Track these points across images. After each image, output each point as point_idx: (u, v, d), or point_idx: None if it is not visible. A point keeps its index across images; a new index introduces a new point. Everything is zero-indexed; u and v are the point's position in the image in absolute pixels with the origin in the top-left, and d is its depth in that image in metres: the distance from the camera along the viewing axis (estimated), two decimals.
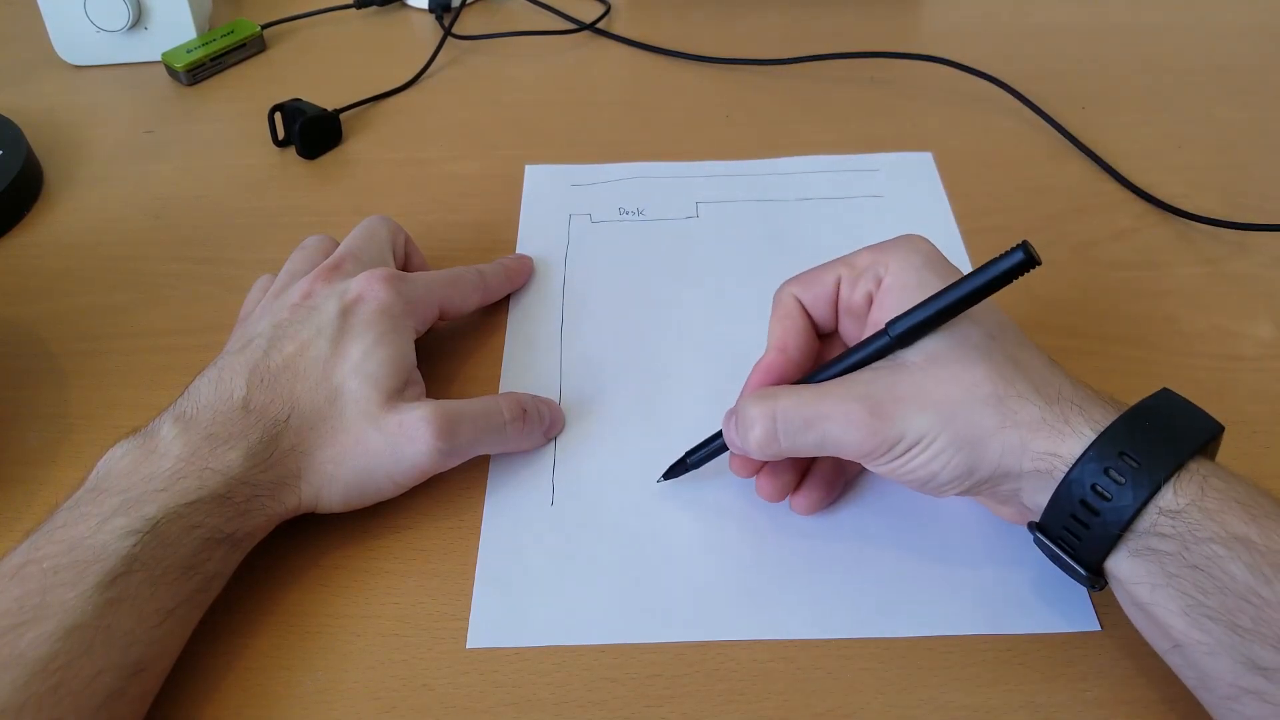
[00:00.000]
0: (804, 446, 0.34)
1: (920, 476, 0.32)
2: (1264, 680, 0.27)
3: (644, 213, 0.52)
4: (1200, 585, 0.28)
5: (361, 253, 0.42)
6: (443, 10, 0.70)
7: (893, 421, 0.32)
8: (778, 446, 0.34)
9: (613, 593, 0.36)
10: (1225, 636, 0.27)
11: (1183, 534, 0.28)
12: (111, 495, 0.32)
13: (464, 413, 0.37)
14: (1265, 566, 0.27)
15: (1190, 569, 0.28)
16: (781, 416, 0.34)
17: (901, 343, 0.33)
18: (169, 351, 0.45)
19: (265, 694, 0.33)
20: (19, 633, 0.28)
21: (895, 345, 0.33)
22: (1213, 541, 0.28)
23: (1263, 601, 0.27)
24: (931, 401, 0.32)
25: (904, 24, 0.68)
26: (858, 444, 0.32)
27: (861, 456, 0.33)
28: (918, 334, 0.33)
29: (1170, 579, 0.29)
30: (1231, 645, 0.27)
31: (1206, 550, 0.28)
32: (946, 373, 0.32)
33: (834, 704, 0.33)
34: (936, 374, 0.32)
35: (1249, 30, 0.66)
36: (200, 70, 0.64)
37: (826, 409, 0.33)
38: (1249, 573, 0.27)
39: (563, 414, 0.42)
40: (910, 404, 0.32)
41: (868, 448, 0.32)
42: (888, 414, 0.32)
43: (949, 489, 0.33)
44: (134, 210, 0.54)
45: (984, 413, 0.31)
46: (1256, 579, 0.27)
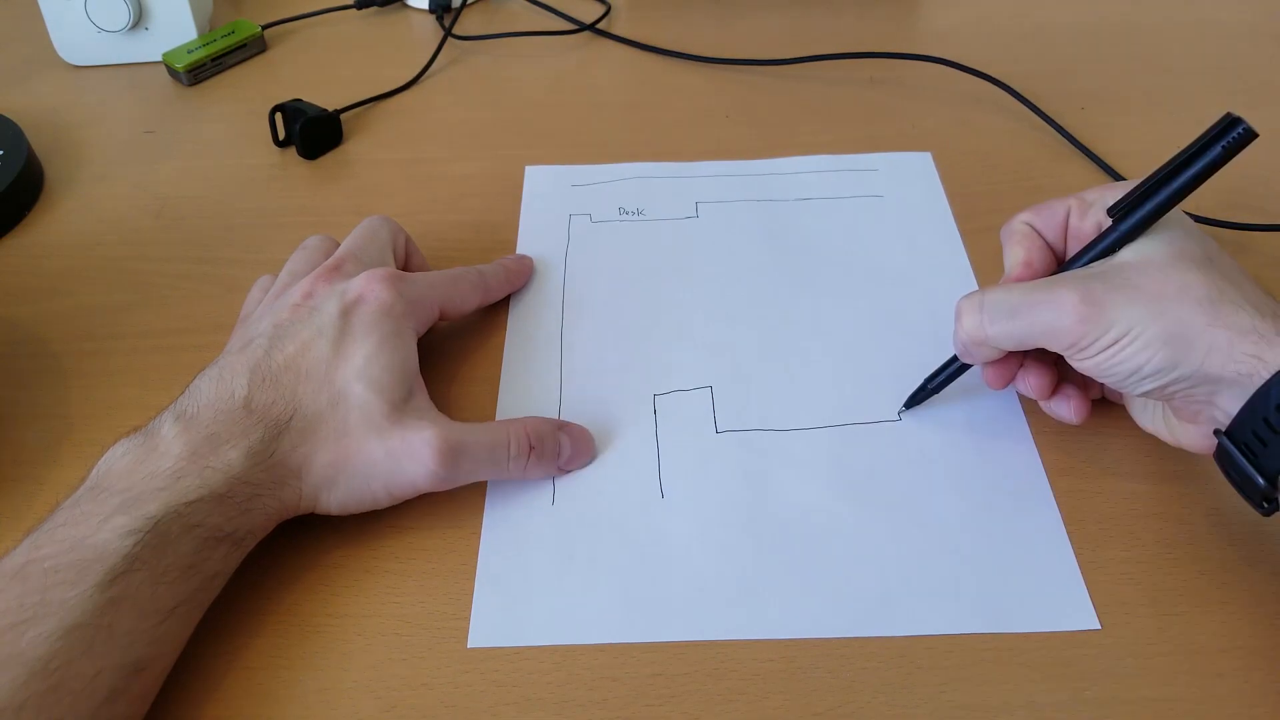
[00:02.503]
0: (1013, 334, 0.35)
1: (1125, 370, 0.33)
2: None
3: (644, 213, 0.52)
4: None
5: (362, 253, 0.42)
6: (443, 10, 0.70)
7: (1104, 310, 0.33)
8: (984, 334, 0.35)
9: (613, 593, 0.36)
10: None
11: None
12: (112, 494, 0.32)
13: (469, 443, 0.36)
14: None
15: None
16: (989, 304, 0.35)
17: (1122, 229, 0.34)
18: (169, 351, 0.45)
19: (265, 694, 0.33)
20: (19, 631, 0.28)
21: (1116, 231, 0.35)
22: None
23: None
24: (1144, 295, 0.33)
25: (903, 24, 0.68)
26: (1067, 330, 0.33)
27: (1069, 346, 0.34)
28: (1136, 215, 0.34)
29: None
30: None
31: None
32: (1162, 274, 0.33)
33: (834, 704, 0.33)
34: (1152, 274, 0.33)
35: (1249, 30, 0.66)
36: (201, 70, 0.64)
37: (1038, 296, 0.34)
38: None
39: (592, 445, 0.40)
40: (1123, 295, 0.33)
41: (1075, 335, 0.33)
42: (1100, 302, 0.33)
43: (1149, 383, 0.33)
44: (134, 210, 0.54)
45: (1195, 310, 0.32)
46: None
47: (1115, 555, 0.36)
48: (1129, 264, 0.34)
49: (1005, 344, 0.36)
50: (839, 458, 0.40)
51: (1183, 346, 0.32)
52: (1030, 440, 0.40)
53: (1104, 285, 0.34)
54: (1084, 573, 0.36)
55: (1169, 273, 0.33)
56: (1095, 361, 0.34)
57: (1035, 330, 0.34)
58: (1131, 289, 0.33)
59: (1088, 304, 0.33)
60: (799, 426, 0.41)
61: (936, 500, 0.38)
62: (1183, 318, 0.32)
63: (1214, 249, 0.35)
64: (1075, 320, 0.33)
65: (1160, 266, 0.33)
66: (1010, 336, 0.35)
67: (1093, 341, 0.33)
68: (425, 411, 0.37)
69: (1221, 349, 0.32)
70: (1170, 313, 0.32)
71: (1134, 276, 0.33)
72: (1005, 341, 0.36)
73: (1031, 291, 0.35)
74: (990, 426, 0.41)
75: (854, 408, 0.42)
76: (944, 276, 0.48)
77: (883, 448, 0.40)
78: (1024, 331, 0.35)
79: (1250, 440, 0.32)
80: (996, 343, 0.36)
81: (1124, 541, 0.37)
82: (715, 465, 0.40)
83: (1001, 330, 0.35)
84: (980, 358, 0.38)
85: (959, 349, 0.38)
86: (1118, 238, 0.35)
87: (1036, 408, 0.41)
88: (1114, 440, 0.40)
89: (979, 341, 0.36)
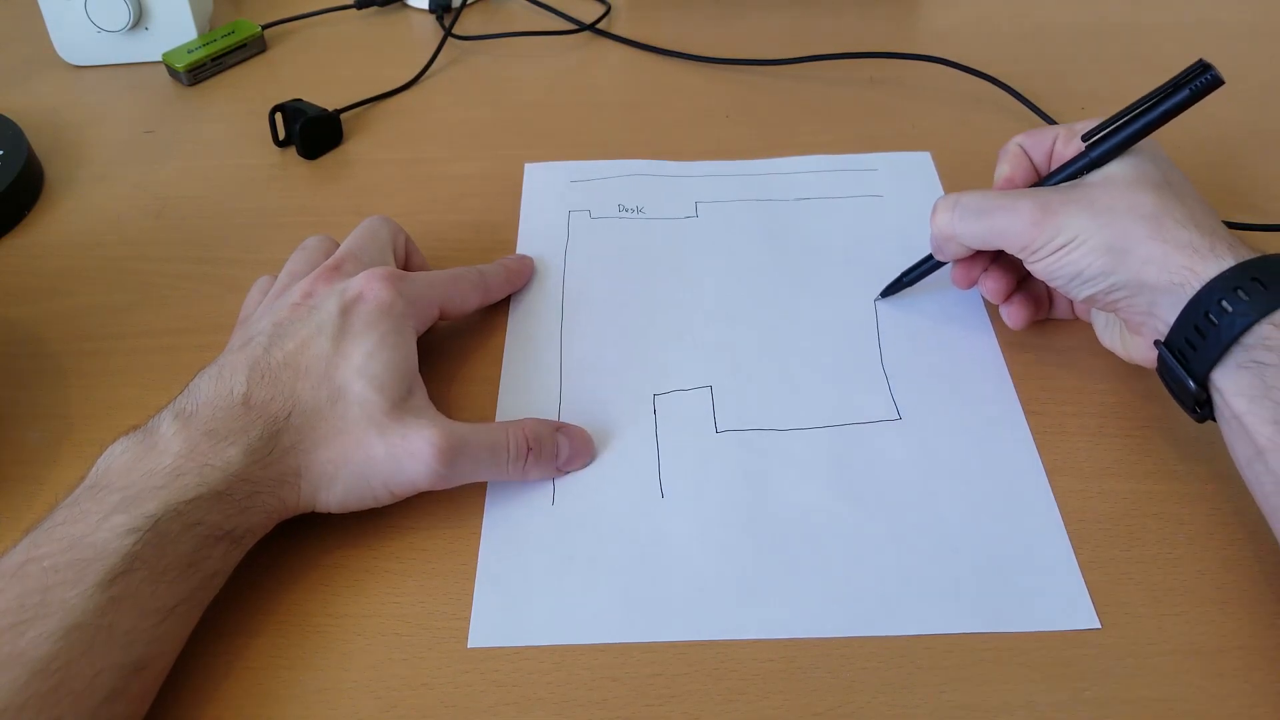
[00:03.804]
0: (977, 233, 0.39)
1: (1069, 273, 0.37)
2: None
3: (643, 210, 0.52)
4: None
5: (362, 253, 0.42)
6: (443, 10, 0.70)
7: (1055, 217, 0.37)
8: (953, 230, 0.40)
9: (613, 593, 0.36)
10: None
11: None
12: (111, 492, 0.32)
13: (469, 442, 0.36)
14: None
15: None
16: (961, 204, 0.40)
17: (1092, 155, 0.38)
18: (169, 351, 0.45)
19: (266, 693, 0.33)
20: (19, 631, 0.28)
21: (1086, 157, 0.38)
22: None
23: None
24: (1094, 208, 0.37)
25: (903, 24, 0.68)
26: (1021, 233, 0.38)
27: (1023, 248, 0.38)
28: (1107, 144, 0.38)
29: (1269, 391, 0.32)
30: None
31: None
32: (1116, 191, 0.37)
33: (834, 704, 0.33)
34: (1108, 190, 0.37)
35: (1249, 30, 0.66)
36: (201, 70, 0.64)
37: (1003, 203, 0.39)
38: None
39: (591, 446, 0.40)
40: (1075, 207, 0.37)
41: (1028, 238, 0.37)
42: (1054, 211, 0.37)
43: (1090, 287, 0.37)
44: (134, 210, 0.54)
45: (1138, 224, 0.36)
46: None
47: (1115, 555, 0.36)
48: (1091, 183, 0.38)
49: (970, 241, 0.40)
50: (839, 458, 0.40)
51: (1121, 255, 0.36)
52: (1030, 440, 0.40)
53: (1061, 198, 0.37)
54: (1084, 572, 0.36)
55: (1123, 190, 0.37)
56: (1045, 264, 0.37)
57: (995, 231, 0.39)
58: (1085, 202, 0.37)
59: (1042, 211, 0.37)
60: (799, 426, 0.41)
61: (936, 500, 0.38)
62: (1126, 229, 0.36)
63: (1176, 176, 0.38)
64: (1029, 224, 0.37)
65: (1117, 185, 0.37)
66: (974, 235, 0.40)
67: (1043, 245, 0.37)
68: (425, 410, 0.37)
69: (1157, 260, 0.35)
70: (1115, 224, 0.36)
71: (1091, 192, 0.37)
72: (970, 239, 0.40)
73: (999, 198, 0.39)
74: (990, 426, 0.41)
75: (854, 408, 0.42)
76: (944, 276, 0.48)
77: (883, 448, 0.40)
78: (986, 231, 0.39)
79: (1183, 346, 0.35)
80: (963, 239, 0.40)
81: (1124, 541, 0.37)
82: (715, 465, 0.40)
83: (968, 229, 0.39)
84: (949, 254, 0.42)
85: (932, 244, 0.42)
86: (1087, 163, 0.39)
87: (1037, 408, 0.41)
88: (1114, 440, 0.40)
89: (948, 237, 0.41)
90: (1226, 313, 0.33)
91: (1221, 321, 0.33)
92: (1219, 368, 0.33)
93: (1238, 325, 0.33)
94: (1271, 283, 0.33)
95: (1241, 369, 0.33)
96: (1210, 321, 0.33)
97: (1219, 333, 0.33)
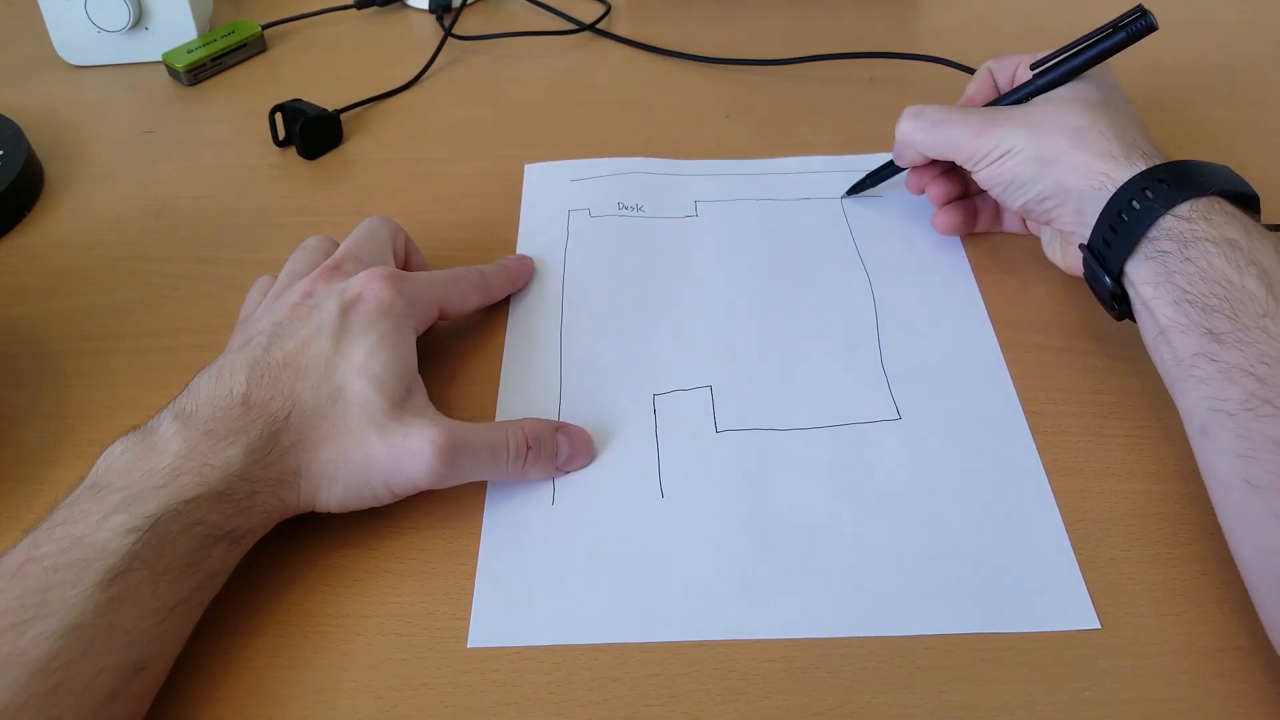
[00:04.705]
0: (931, 142, 0.45)
1: (1003, 181, 0.42)
2: (1215, 344, 0.34)
3: (643, 209, 0.52)
4: (1189, 277, 0.35)
5: (362, 253, 0.42)
6: (443, 10, 0.70)
7: (996, 130, 0.42)
8: (912, 138, 0.45)
9: (613, 593, 0.36)
10: (1197, 315, 0.35)
11: (1185, 236, 0.36)
12: (111, 492, 0.32)
13: (469, 441, 0.37)
14: (1242, 261, 0.34)
15: (1184, 263, 0.35)
16: (923, 115, 0.45)
17: (1037, 83, 0.43)
18: (169, 351, 0.45)
19: (266, 693, 0.33)
20: (19, 631, 0.28)
21: (1032, 84, 0.44)
22: (1207, 241, 0.35)
23: (1230, 285, 0.34)
24: (1029, 124, 0.41)
25: (903, 24, 0.68)
26: (965, 145, 0.43)
27: (967, 159, 0.43)
28: (1050, 75, 0.43)
29: (1170, 276, 0.36)
30: (1199, 321, 0.34)
31: (1200, 249, 0.35)
32: (1051, 109, 0.42)
33: (834, 704, 0.33)
34: (1043, 109, 0.42)
35: (1249, 30, 0.66)
36: (201, 70, 0.64)
37: (956, 117, 0.44)
38: (1227, 265, 0.34)
39: (591, 445, 0.40)
40: (1013, 123, 0.42)
41: (971, 149, 0.43)
42: (996, 125, 0.42)
43: (1022, 195, 0.42)
44: (134, 210, 0.54)
45: (1064, 137, 0.40)
46: (1232, 269, 0.34)
47: (1115, 555, 0.36)
48: (1032, 103, 0.43)
49: (925, 149, 0.45)
50: (839, 458, 0.40)
51: (1048, 165, 0.40)
52: (1030, 440, 0.40)
53: (1004, 115, 0.43)
54: (1084, 572, 0.36)
55: (1057, 109, 0.41)
56: (985, 173, 0.43)
57: (946, 141, 0.44)
58: (1022, 118, 0.42)
59: (986, 124, 0.42)
60: (799, 426, 0.41)
61: (936, 500, 0.38)
62: (1053, 139, 0.40)
63: (1117, 97, 0.42)
64: (973, 135, 0.42)
65: (1053, 104, 0.42)
66: (929, 144, 0.45)
67: (984, 155, 0.42)
68: (425, 409, 0.37)
69: (1080, 168, 0.39)
70: (1043, 137, 0.41)
71: (1030, 111, 0.42)
72: (925, 147, 0.45)
73: (954, 113, 0.44)
74: (990, 426, 0.41)
75: (854, 408, 0.42)
76: (944, 276, 0.48)
77: (882, 448, 0.40)
78: (939, 141, 0.44)
79: (1101, 247, 0.39)
80: (920, 147, 0.45)
81: (1124, 541, 0.37)
82: (715, 465, 0.40)
83: (924, 138, 0.45)
84: (906, 160, 0.47)
85: (894, 150, 0.47)
86: (1033, 89, 0.44)
87: (1036, 408, 0.41)
88: (1114, 440, 0.40)
89: (908, 143, 0.46)
90: (1134, 210, 0.37)
91: (1131, 219, 0.37)
92: (1130, 260, 0.37)
93: (1144, 221, 0.37)
94: (1175, 182, 0.37)
95: (1148, 259, 0.37)
96: (1122, 220, 0.37)
97: (1129, 228, 0.37)
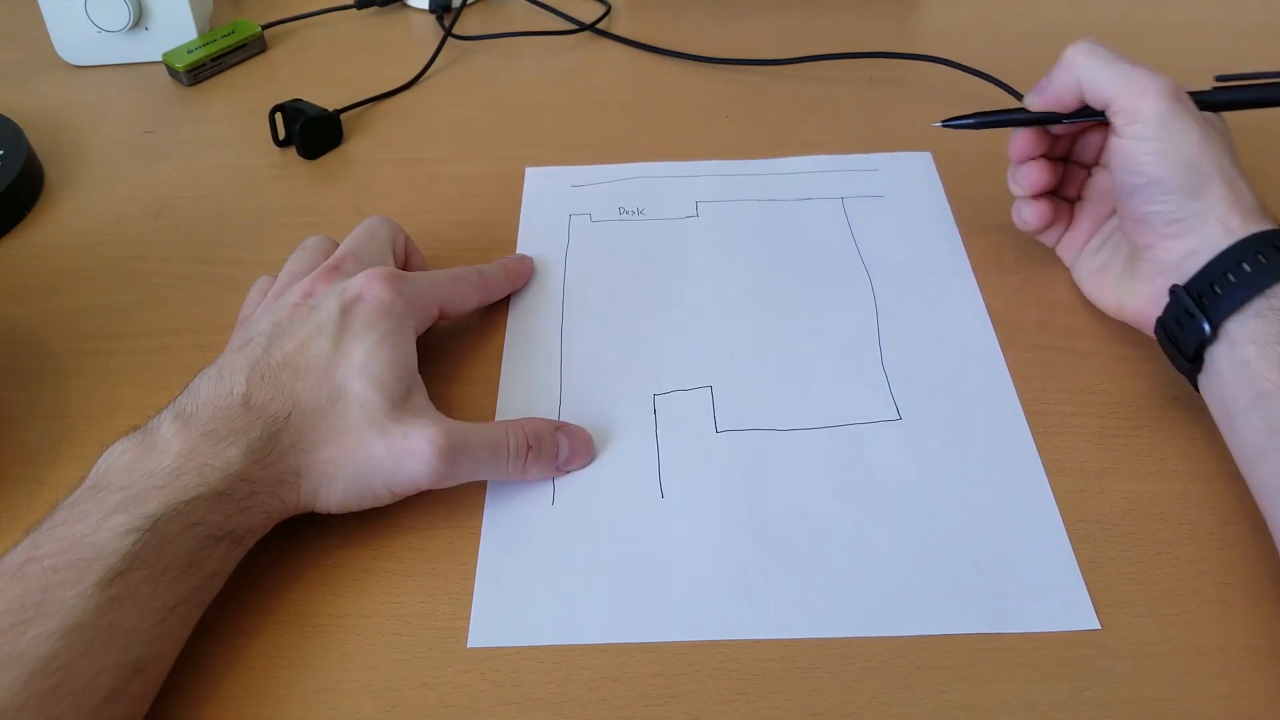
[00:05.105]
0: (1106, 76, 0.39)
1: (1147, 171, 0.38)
2: None
3: (644, 212, 0.52)
4: None
5: (361, 253, 0.42)
6: (443, 10, 0.70)
7: (1180, 111, 0.38)
8: (1080, 60, 0.40)
9: (613, 592, 0.36)
10: None
11: None
12: (111, 493, 0.32)
13: (470, 441, 0.37)
14: None
15: None
16: (1102, 47, 0.40)
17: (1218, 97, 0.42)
18: (169, 351, 0.45)
19: (265, 693, 0.33)
20: (19, 631, 0.28)
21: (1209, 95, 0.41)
22: None
23: None
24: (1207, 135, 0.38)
25: (903, 24, 0.68)
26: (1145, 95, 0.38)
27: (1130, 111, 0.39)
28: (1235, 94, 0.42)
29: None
30: None
31: None
32: (1220, 131, 0.40)
33: (834, 704, 0.33)
34: (1217, 124, 0.40)
35: (1249, 30, 0.66)
36: (201, 70, 0.64)
37: (1142, 68, 0.39)
38: None
39: (591, 445, 0.40)
40: (1195, 122, 0.38)
41: (1146, 109, 0.38)
42: (1182, 103, 0.38)
43: (1155, 201, 0.39)
44: (134, 210, 0.54)
45: (1226, 166, 0.38)
46: None
47: (1115, 555, 0.36)
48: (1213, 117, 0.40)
49: (1090, 81, 0.40)
50: (839, 458, 0.40)
51: (1200, 186, 0.38)
52: (1030, 440, 0.40)
53: (1188, 100, 0.39)
54: (1084, 573, 0.36)
55: (1226, 135, 0.40)
56: (1138, 146, 0.39)
57: (1121, 77, 0.39)
58: (1207, 127, 0.38)
59: (1173, 97, 0.38)
60: (799, 426, 0.41)
61: (936, 500, 0.38)
62: (1219, 163, 0.38)
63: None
64: (1157, 96, 0.38)
65: (1219, 128, 0.40)
66: (1102, 76, 0.40)
67: (1153, 124, 0.38)
68: (425, 409, 0.37)
69: (1224, 204, 0.37)
70: (1212, 154, 0.38)
71: (1214, 123, 0.40)
72: (1093, 78, 0.40)
73: (1140, 63, 0.40)
74: (990, 426, 0.41)
75: (854, 408, 0.42)
76: (944, 276, 0.48)
77: (882, 448, 0.40)
78: (1112, 74, 0.39)
79: (1205, 291, 0.37)
80: (1085, 75, 0.40)
81: (1124, 541, 0.37)
82: (715, 465, 0.40)
83: (1098, 68, 0.40)
84: (1047, 97, 0.42)
85: (1038, 86, 0.42)
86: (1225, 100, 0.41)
87: (1036, 408, 0.41)
88: (1114, 440, 0.40)
89: (1071, 66, 0.41)
90: (1260, 264, 0.35)
91: (1252, 270, 0.35)
92: (1237, 315, 0.35)
93: (1264, 277, 0.35)
94: None
95: (1259, 317, 0.35)
96: (1242, 269, 0.36)
97: (1248, 280, 0.35)
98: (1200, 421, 0.40)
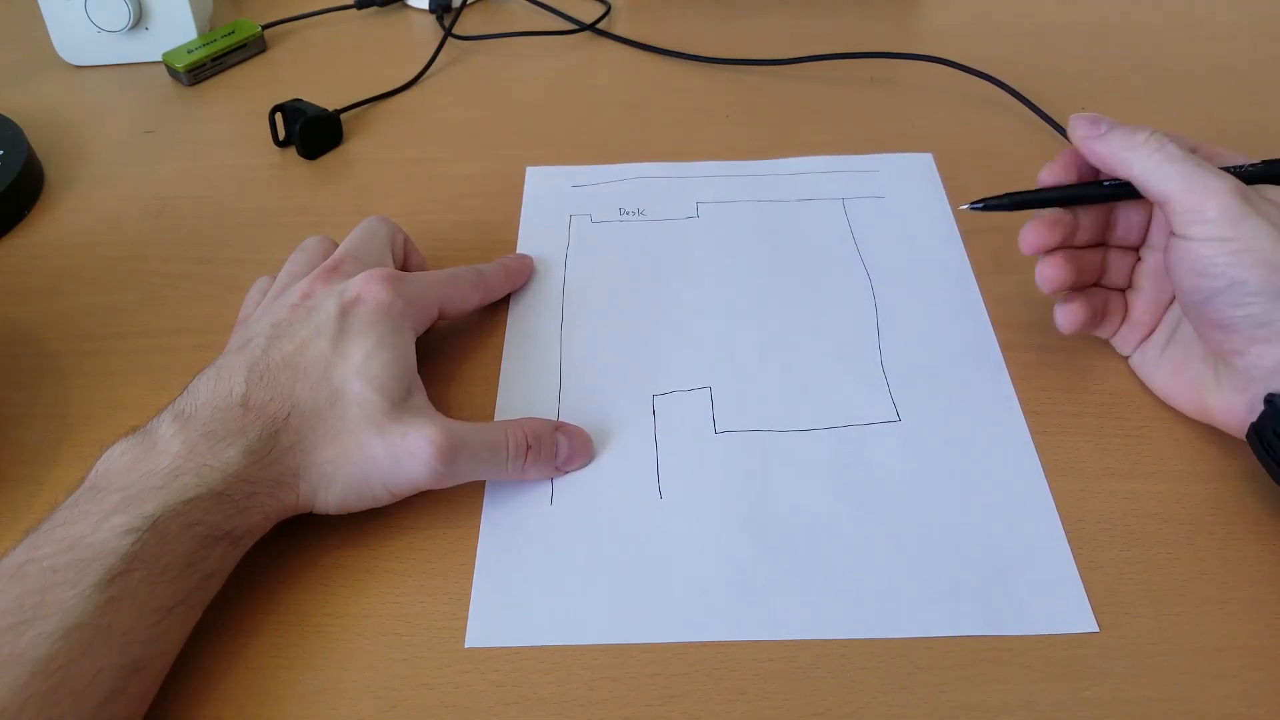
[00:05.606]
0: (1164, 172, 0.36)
1: (1229, 276, 0.34)
2: None
3: (644, 213, 0.52)
4: None
5: (361, 253, 0.42)
6: (443, 10, 0.70)
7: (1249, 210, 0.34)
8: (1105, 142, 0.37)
9: (612, 593, 0.36)
10: None
11: None
12: (110, 493, 0.32)
13: (469, 441, 0.37)
14: None
15: None
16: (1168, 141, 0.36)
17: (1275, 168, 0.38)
18: (169, 351, 0.46)
19: (265, 693, 0.33)
20: (19, 632, 0.28)
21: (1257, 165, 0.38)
22: None
23: None
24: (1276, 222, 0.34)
25: (903, 24, 0.68)
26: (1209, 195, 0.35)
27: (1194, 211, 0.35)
28: None
29: None
30: None
31: None
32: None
33: (834, 704, 0.33)
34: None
35: (1249, 30, 0.66)
36: (201, 70, 0.64)
37: (1204, 167, 0.36)
38: None
39: (590, 445, 0.40)
40: (1260, 215, 0.34)
41: (1213, 210, 0.34)
42: (1250, 203, 0.34)
43: (1238, 306, 0.35)
44: (134, 210, 0.54)
45: None
46: None
47: (1115, 555, 0.36)
48: (1268, 195, 0.36)
49: (1152, 174, 0.36)
50: (838, 459, 0.40)
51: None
52: (1030, 440, 0.40)
53: (1260, 200, 0.35)
54: (1083, 573, 0.36)
55: None
56: (1208, 247, 0.35)
57: (1183, 178, 0.35)
58: (1269, 211, 0.34)
59: (1242, 196, 0.34)
60: (799, 427, 0.41)
61: (935, 502, 0.38)
62: None
63: None
64: (1225, 194, 0.34)
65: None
66: (1157, 171, 0.36)
67: (1224, 223, 0.34)
68: (424, 410, 0.37)
69: None
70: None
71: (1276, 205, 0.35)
72: (1149, 173, 0.36)
73: (1200, 161, 0.36)
74: (990, 427, 0.41)
75: (854, 408, 0.42)
76: (944, 277, 0.48)
77: (882, 449, 0.40)
78: (1176, 175, 0.35)
79: None
80: (1147, 161, 0.36)
81: (1124, 541, 0.37)
82: (714, 465, 0.40)
83: (1159, 162, 0.36)
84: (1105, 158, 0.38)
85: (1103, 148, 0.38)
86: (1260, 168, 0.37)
87: (1036, 408, 0.41)
88: (1114, 440, 0.40)
89: (1098, 145, 0.37)
90: None
91: None
92: None
93: None
94: None
95: None
96: None
97: None
98: (1200, 421, 0.40)
